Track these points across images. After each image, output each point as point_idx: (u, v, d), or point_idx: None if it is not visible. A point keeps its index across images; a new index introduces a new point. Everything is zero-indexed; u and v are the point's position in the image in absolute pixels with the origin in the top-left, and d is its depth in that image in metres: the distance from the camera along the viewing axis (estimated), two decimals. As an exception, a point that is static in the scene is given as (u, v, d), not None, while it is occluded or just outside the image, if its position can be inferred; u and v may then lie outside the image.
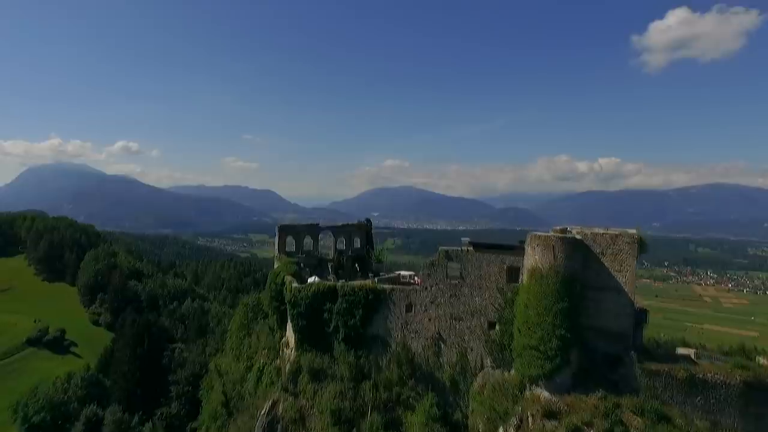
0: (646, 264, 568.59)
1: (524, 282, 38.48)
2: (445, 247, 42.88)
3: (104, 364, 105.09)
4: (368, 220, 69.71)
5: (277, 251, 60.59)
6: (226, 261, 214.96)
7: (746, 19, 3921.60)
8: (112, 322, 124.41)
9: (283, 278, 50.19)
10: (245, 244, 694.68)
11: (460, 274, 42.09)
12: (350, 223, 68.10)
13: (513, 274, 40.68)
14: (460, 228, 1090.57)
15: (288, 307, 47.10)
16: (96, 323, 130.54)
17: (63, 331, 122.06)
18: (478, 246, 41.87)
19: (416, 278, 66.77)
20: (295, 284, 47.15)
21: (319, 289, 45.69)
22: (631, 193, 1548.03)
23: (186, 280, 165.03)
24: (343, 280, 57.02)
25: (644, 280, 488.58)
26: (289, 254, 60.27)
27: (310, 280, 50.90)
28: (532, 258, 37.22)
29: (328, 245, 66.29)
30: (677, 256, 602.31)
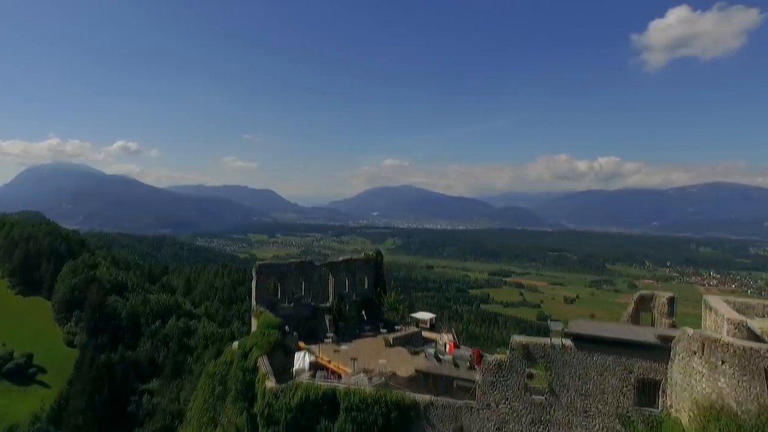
0: (648, 264, 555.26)
1: (685, 423, 20.89)
2: (522, 338, 25.33)
3: (57, 412, 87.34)
4: (379, 253, 55.01)
5: (254, 302, 45.06)
6: (220, 267, 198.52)
7: (747, 18, 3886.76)
8: (88, 343, 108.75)
9: (256, 361, 32.71)
10: (244, 245, 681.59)
11: (550, 385, 24.54)
12: (354, 257, 53.36)
13: (647, 392, 23.22)
14: (460, 228, 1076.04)
15: (260, 421, 29.47)
16: (70, 344, 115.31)
17: (29, 357, 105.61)
18: (583, 340, 24.26)
19: (445, 337, 46.87)
20: (270, 384, 29.42)
21: (308, 397, 27.97)
22: (631, 193, 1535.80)
23: (171, 295, 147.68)
24: (345, 347, 41.30)
25: (646, 281, 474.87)
26: (271, 304, 44.63)
27: (298, 362, 33.56)
28: (711, 382, 19.75)
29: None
30: (678, 255, 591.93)
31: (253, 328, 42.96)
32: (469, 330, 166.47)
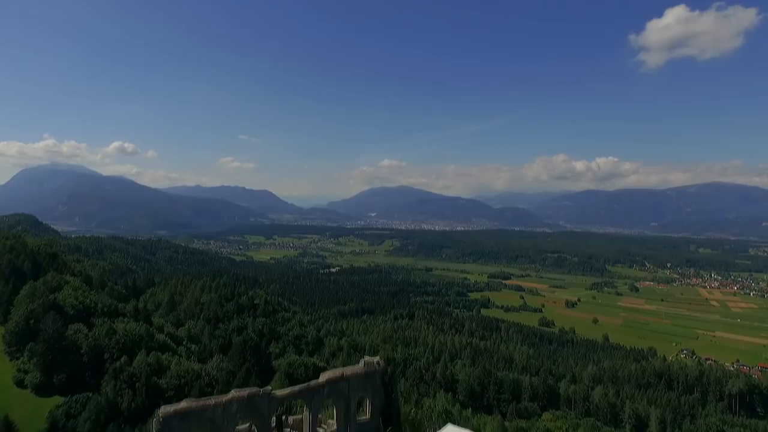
0: (648, 266, 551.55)
1: None
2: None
3: None
4: (388, 361, 37.03)
5: None
6: (207, 280, 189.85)
7: (745, 18, 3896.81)
8: (42, 384, 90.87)
9: None
10: (241, 247, 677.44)
11: None
12: (346, 372, 34.26)
13: None
14: (459, 228, 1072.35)
15: None
16: (20, 384, 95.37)
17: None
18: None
19: None
20: None
21: None
22: (629, 193, 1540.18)
23: (144, 321, 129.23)
24: None
25: (647, 283, 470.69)
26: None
27: None
28: None
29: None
30: (678, 256, 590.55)
31: None
32: (473, 344, 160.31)
